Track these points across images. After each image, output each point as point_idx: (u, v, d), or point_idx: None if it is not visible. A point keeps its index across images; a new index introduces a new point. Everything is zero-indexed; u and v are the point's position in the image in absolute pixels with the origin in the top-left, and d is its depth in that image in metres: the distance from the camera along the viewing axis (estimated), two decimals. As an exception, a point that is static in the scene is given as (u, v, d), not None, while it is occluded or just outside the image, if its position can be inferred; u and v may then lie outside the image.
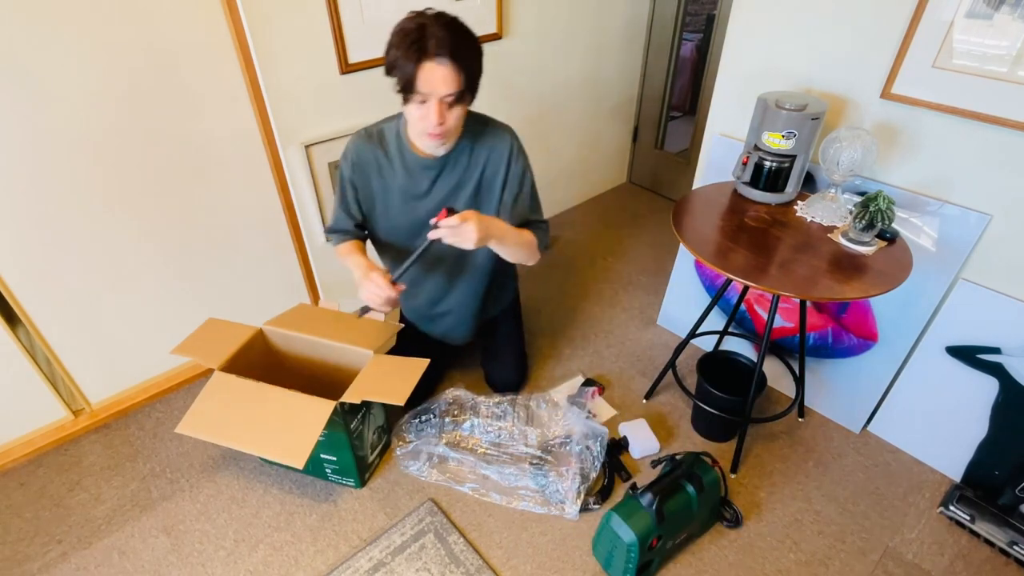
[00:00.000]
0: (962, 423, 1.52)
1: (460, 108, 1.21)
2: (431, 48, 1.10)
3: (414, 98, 1.16)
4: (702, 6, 2.73)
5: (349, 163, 1.38)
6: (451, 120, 1.20)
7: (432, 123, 1.18)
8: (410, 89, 1.14)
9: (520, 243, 1.35)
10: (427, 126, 1.19)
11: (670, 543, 1.34)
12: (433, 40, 1.10)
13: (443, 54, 1.10)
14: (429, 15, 1.14)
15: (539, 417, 1.68)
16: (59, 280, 1.53)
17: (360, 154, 1.37)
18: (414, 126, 1.24)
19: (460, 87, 1.15)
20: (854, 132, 1.32)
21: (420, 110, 1.18)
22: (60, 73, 1.33)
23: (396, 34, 1.15)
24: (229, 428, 1.33)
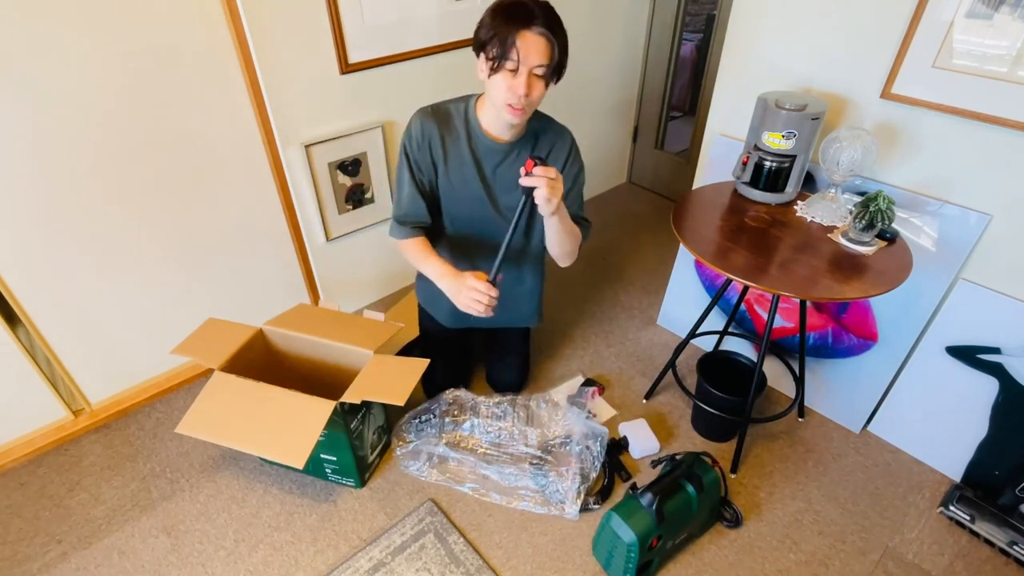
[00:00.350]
0: (962, 423, 1.52)
1: (543, 86, 1.22)
2: (532, 19, 1.14)
3: (506, 67, 1.17)
4: (702, 6, 2.73)
5: (413, 141, 1.33)
6: (535, 94, 1.21)
7: (519, 93, 1.19)
8: (505, 57, 1.16)
9: (572, 230, 1.41)
10: (511, 96, 1.20)
11: (670, 543, 1.34)
12: (534, 12, 1.15)
13: (542, 26, 1.15)
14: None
15: (539, 417, 1.68)
16: (59, 280, 1.53)
17: (424, 130, 1.33)
18: (498, 96, 1.22)
19: (552, 60, 1.18)
20: (854, 132, 1.32)
21: (508, 80, 1.19)
22: (60, 74, 1.33)
23: (494, 9, 1.18)
24: (229, 428, 1.33)
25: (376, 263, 2.16)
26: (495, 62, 1.18)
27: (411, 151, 1.35)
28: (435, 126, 1.33)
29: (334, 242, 1.98)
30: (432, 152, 1.35)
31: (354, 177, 1.91)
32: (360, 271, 2.14)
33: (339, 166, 1.85)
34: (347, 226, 1.98)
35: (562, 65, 1.23)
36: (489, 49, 1.18)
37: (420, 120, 1.33)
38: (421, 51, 1.86)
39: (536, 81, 1.20)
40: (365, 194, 1.97)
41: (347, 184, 1.90)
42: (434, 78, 1.95)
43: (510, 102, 1.21)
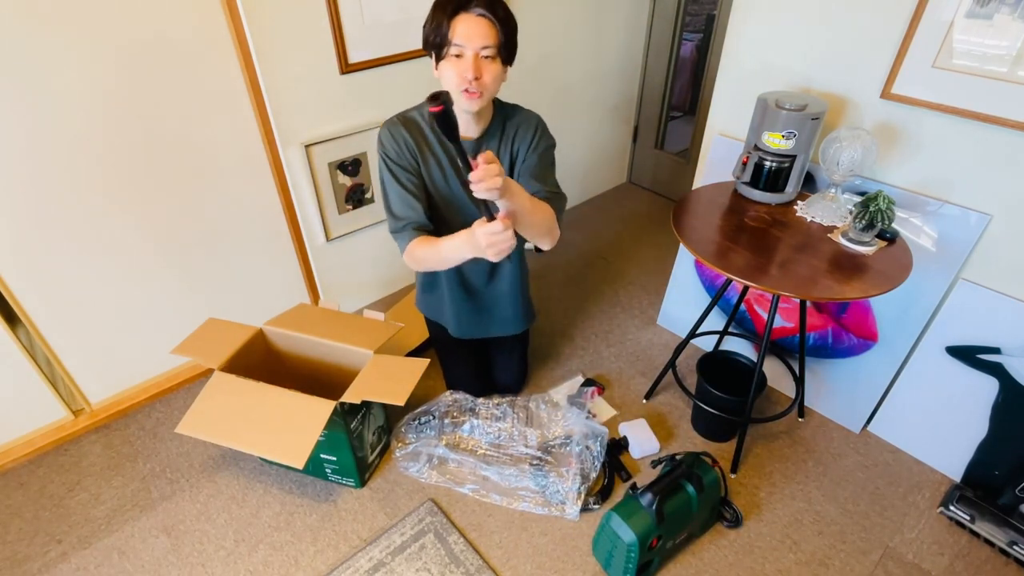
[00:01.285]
0: (962, 423, 1.52)
1: (496, 67, 1.20)
2: (467, 3, 1.14)
3: (450, 53, 1.17)
4: (702, 6, 2.73)
5: (390, 149, 1.31)
6: (487, 76, 1.19)
7: (468, 77, 1.16)
8: (444, 43, 1.15)
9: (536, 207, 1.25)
10: (462, 81, 1.17)
11: (670, 543, 1.34)
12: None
13: (478, 6, 1.14)
14: None
15: (539, 418, 1.68)
16: (59, 280, 1.53)
17: (396, 137, 1.31)
18: (451, 84, 1.20)
19: (497, 41, 1.17)
20: (854, 132, 1.32)
21: (457, 66, 1.17)
22: (60, 74, 1.33)
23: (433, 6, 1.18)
24: (229, 428, 1.33)
25: (376, 263, 2.16)
26: (438, 50, 1.17)
27: (390, 158, 1.31)
28: (405, 132, 1.31)
29: (334, 242, 1.98)
30: (411, 155, 1.33)
31: (354, 177, 1.91)
32: (360, 271, 2.14)
33: (339, 166, 1.85)
34: (347, 226, 1.98)
35: (511, 44, 1.21)
36: (431, 41, 1.18)
37: (389, 130, 1.31)
38: (421, 51, 1.86)
39: (486, 63, 1.18)
40: (365, 194, 1.97)
41: (347, 184, 1.90)
42: (434, 78, 1.94)
43: (463, 87, 1.18)
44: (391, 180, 1.32)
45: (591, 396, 1.77)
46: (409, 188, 1.32)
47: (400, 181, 1.31)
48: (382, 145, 1.31)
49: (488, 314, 1.65)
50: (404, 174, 1.32)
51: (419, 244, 1.28)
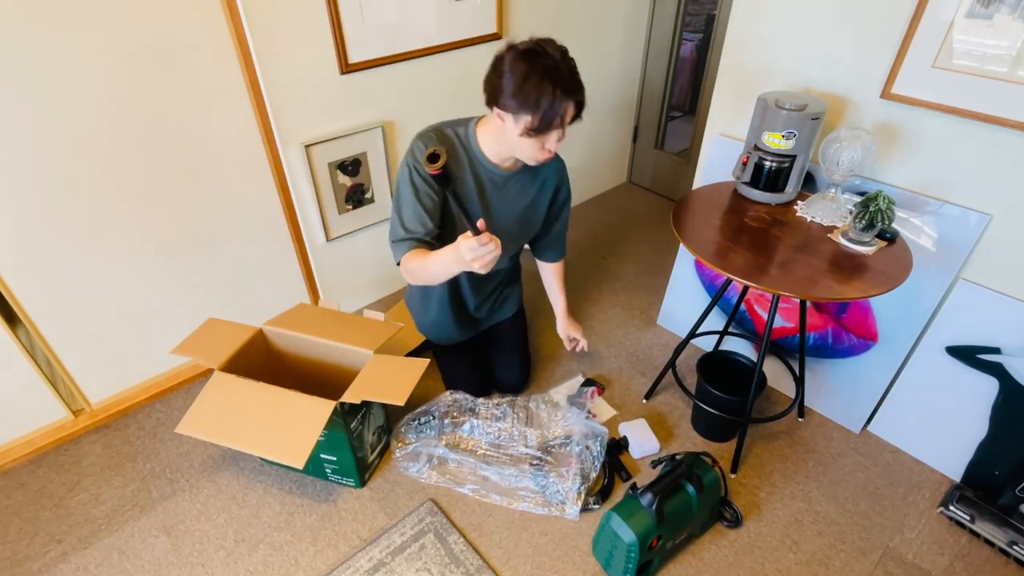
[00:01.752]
0: (962, 423, 1.52)
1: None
2: (571, 89, 1.17)
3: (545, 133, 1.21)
4: (702, 6, 2.73)
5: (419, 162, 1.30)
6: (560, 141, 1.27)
7: (553, 152, 1.27)
8: (550, 127, 1.19)
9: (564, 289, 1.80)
10: (544, 155, 1.27)
11: (670, 543, 1.34)
12: (569, 81, 1.17)
13: (576, 92, 1.19)
14: (550, 50, 1.17)
15: (539, 418, 1.68)
16: (59, 280, 1.53)
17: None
18: (526, 153, 1.27)
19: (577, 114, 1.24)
20: (854, 132, 1.32)
21: (541, 141, 1.23)
22: (60, 74, 1.33)
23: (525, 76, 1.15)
24: (229, 428, 1.33)
25: (376, 263, 2.16)
26: (535, 132, 1.20)
27: (415, 172, 1.31)
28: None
29: (334, 242, 1.98)
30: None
31: (354, 177, 1.91)
32: (360, 271, 2.14)
33: (339, 166, 1.85)
34: (347, 226, 1.98)
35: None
36: (527, 119, 1.18)
37: (424, 143, 1.31)
38: (421, 51, 1.86)
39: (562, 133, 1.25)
40: (365, 194, 1.97)
41: (347, 184, 1.90)
42: (434, 78, 1.95)
43: (543, 158, 1.28)
44: (411, 191, 1.31)
45: (591, 396, 1.77)
46: (425, 204, 1.32)
47: (419, 195, 1.31)
48: (413, 155, 1.31)
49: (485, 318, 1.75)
50: (425, 188, 1.31)
51: (413, 257, 1.28)
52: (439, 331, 1.73)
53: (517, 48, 1.17)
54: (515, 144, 1.26)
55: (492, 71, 1.20)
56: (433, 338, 1.78)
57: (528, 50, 1.16)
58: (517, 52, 1.17)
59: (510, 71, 1.16)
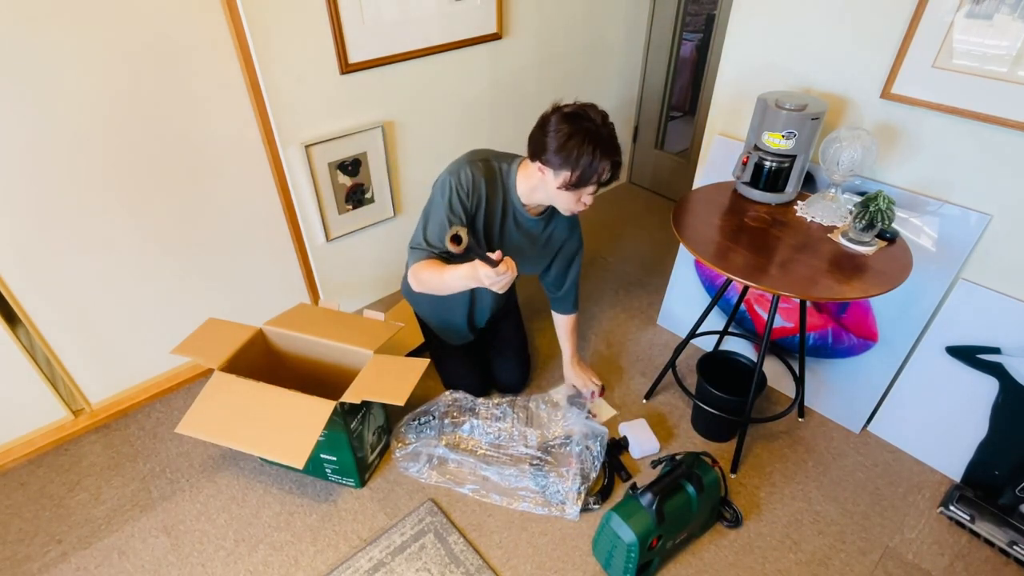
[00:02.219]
0: (962, 423, 1.52)
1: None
2: (610, 151, 1.25)
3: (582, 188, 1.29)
4: (702, 6, 2.73)
5: (463, 188, 1.35)
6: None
7: (588, 204, 1.35)
8: (587, 184, 1.28)
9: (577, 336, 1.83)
10: (580, 207, 1.36)
11: (670, 543, 1.34)
12: (610, 143, 1.26)
13: (614, 153, 1.26)
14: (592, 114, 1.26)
15: (539, 418, 1.68)
16: (59, 280, 1.53)
17: (476, 183, 1.37)
18: (562, 204, 1.36)
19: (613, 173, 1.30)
20: (854, 132, 1.32)
21: (577, 195, 1.31)
22: (60, 74, 1.33)
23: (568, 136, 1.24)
24: (229, 428, 1.33)
25: (376, 263, 2.16)
26: (573, 187, 1.28)
27: (455, 193, 1.35)
28: (484, 182, 1.38)
29: (334, 242, 1.98)
30: (474, 201, 1.38)
31: (354, 177, 1.91)
32: (360, 271, 2.14)
33: (339, 166, 1.85)
34: (347, 226, 1.98)
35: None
36: (566, 174, 1.27)
37: (472, 172, 1.36)
38: (421, 51, 1.86)
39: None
40: (365, 194, 1.97)
41: (347, 184, 1.90)
42: (434, 78, 1.95)
43: (577, 211, 1.38)
44: (446, 208, 1.35)
45: (591, 396, 1.77)
46: (454, 223, 1.36)
47: (452, 212, 1.35)
48: (458, 176, 1.35)
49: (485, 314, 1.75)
50: (460, 209, 1.36)
51: (427, 265, 1.34)
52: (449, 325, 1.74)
53: (562, 110, 1.27)
54: (553, 196, 1.34)
55: (537, 129, 1.30)
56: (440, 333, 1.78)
57: (572, 113, 1.26)
58: (562, 114, 1.26)
59: (555, 131, 1.25)
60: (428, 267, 1.33)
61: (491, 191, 1.40)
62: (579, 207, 1.35)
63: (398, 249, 2.20)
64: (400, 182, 2.06)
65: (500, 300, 1.71)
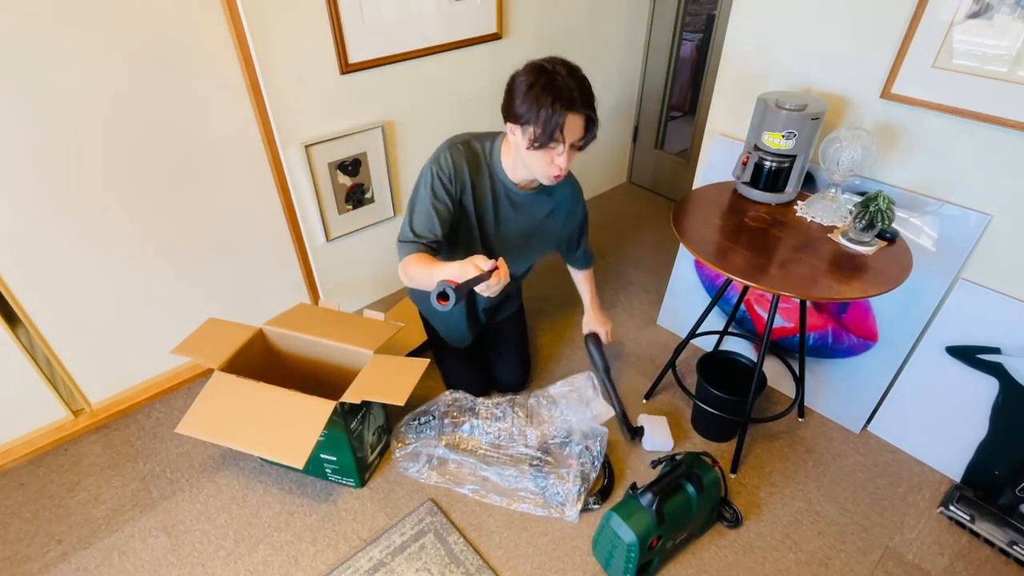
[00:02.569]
0: (962, 423, 1.52)
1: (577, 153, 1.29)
2: (574, 103, 1.18)
3: (548, 147, 1.23)
4: (702, 6, 2.73)
5: (444, 173, 1.33)
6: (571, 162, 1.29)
7: (563, 168, 1.27)
8: (552, 139, 1.20)
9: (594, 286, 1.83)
10: (554, 170, 1.27)
11: (670, 543, 1.34)
12: (575, 95, 1.18)
13: (583, 106, 1.19)
14: (557, 67, 1.20)
15: (538, 414, 1.68)
16: (59, 280, 1.53)
17: (456, 166, 1.34)
18: (538, 169, 1.29)
19: (589, 134, 1.24)
20: (854, 132, 1.32)
21: (548, 155, 1.25)
22: (60, 74, 1.33)
23: (531, 87, 1.18)
24: (229, 428, 1.33)
25: (376, 263, 2.16)
26: (538, 142, 1.21)
27: (437, 180, 1.33)
28: (466, 165, 1.35)
29: (334, 242, 1.98)
30: (458, 186, 1.36)
31: (354, 177, 1.91)
32: (360, 271, 2.14)
33: (339, 166, 1.85)
34: (347, 226, 1.98)
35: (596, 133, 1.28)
36: (531, 129, 1.20)
37: (452, 157, 1.33)
38: (421, 51, 1.86)
39: (573, 152, 1.26)
40: (365, 194, 1.97)
41: (347, 184, 1.90)
42: (434, 78, 1.95)
43: (553, 175, 1.28)
44: (428, 195, 1.32)
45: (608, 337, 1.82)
46: (439, 209, 1.33)
47: (436, 199, 1.32)
48: (437, 162, 1.33)
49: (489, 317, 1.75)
50: (444, 195, 1.33)
51: (415, 261, 1.26)
52: (450, 330, 1.75)
53: (528, 64, 1.22)
54: (526, 160, 1.29)
55: (506, 87, 1.25)
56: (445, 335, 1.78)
57: (538, 65, 1.21)
58: (528, 66, 1.22)
59: (518, 84, 1.21)
60: (416, 262, 1.26)
61: (475, 174, 1.37)
62: (553, 170, 1.27)
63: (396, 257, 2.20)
64: (400, 182, 2.06)
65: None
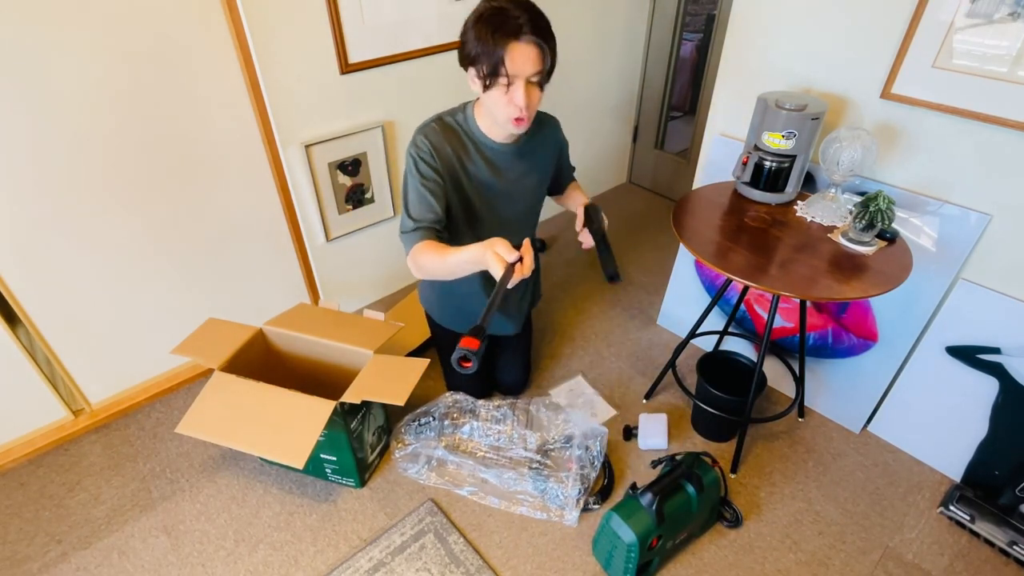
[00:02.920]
0: (962, 423, 1.52)
1: (540, 90, 1.22)
2: (519, 29, 1.11)
3: (498, 83, 1.16)
4: (702, 6, 2.73)
5: (423, 154, 1.28)
6: (534, 100, 1.20)
7: (519, 105, 1.17)
8: (497, 73, 1.14)
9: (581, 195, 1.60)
10: (513, 110, 1.19)
11: (670, 543, 1.34)
12: (519, 21, 1.11)
13: (530, 34, 1.12)
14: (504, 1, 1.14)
15: (539, 420, 1.68)
16: (59, 281, 1.53)
17: (434, 144, 1.28)
18: (499, 112, 1.22)
19: (544, 67, 1.17)
20: (854, 132, 1.32)
21: (508, 95, 1.18)
22: (61, 74, 1.33)
23: (476, 21, 1.15)
24: (229, 428, 1.33)
25: (376, 263, 2.16)
26: (487, 79, 1.16)
27: (421, 157, 1.28)
28: (446, 144, 1.30)
29: (334, 242, 1.98)
30: (444, 164, 1.30)
31: (354, 177, 1.91)
32: (360, 271, 2.14)
33: (339, 166, 1.85)
34: (347, 226, 1.98)
35: (552, 69, 1.22)
36: (479, 66, 1.16)
37: (428, 138, 1.28)
38: (421, 51, 1.86)
39: (532, 88, 1.19)
40: (365, 194, 1.97)
41: (347, 184, 1.90)
42: (434, 78, 1.95)
43: (513, 116, 1.20)
44: (415, 177, 1.27)
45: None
46: (431, 188, 1.27)
47: (424, 179, 1.27)
48: (416, 146, 1.29)
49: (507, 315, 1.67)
50: (430, 173, 1.28)
51: (425, 249, 1.19)
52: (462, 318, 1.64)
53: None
54: (488, 105, 1.23)
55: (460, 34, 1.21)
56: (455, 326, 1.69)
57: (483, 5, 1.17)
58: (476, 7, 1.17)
59: (466, 25, 1.17)
60: (426, 251, 1.18)
61: (459, 149, 1.31)
62: (512, 110, 1.18)
63: (398, 249, 2.20)
64: (400, 182, 2.05)
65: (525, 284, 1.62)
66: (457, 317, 1.65)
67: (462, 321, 1.64)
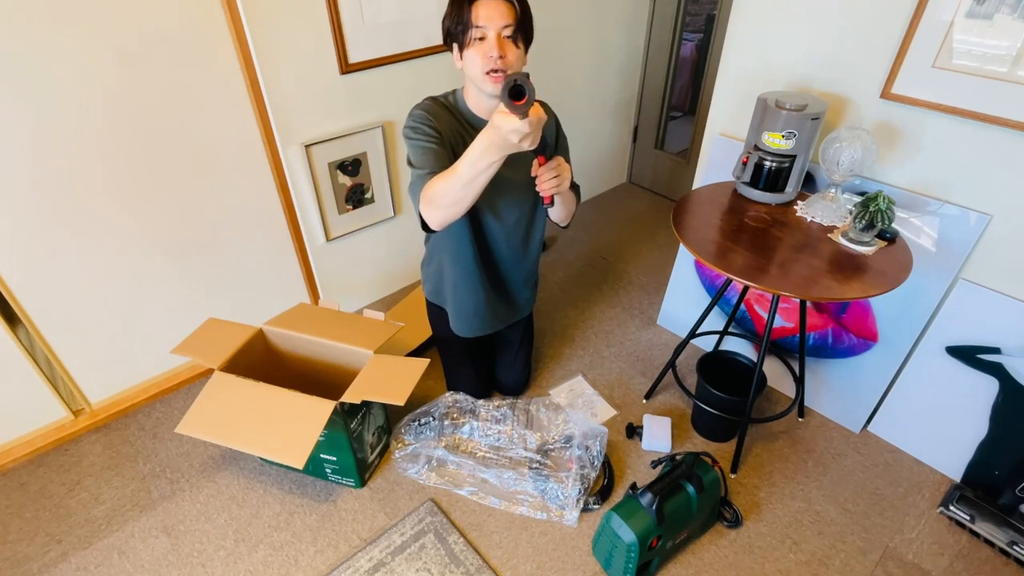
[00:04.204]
0: (962, 423, 1.52)
1: (518, 49, 1.21)
2: None
3: (473, 38, 1.18)
4: (702, 6, 2.73)
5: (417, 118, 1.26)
6: (510, 56, 1.20)
7: (494, 55, 1.17)
8: (467, 27, 1.17)
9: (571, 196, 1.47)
10: (488, 62, 1.18)
11: (670, 543, 1.34)
12: None
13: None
14: None
15: (539, 421, 1.68)
16: (59, 280, 1.53)
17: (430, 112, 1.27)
18: (476, 70, 1.20)
19: (515, 19, 1.19)
20: (854, 132, 1.32)
21: (480, 49, 1.18)
22: (60, 74, 1.33)
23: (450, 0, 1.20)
24: (229, 428, 1.33)
25: (376, 263, 2.16)
26: (460, 38, 1.19)
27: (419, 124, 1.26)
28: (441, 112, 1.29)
29: (334, 242, 1.98)
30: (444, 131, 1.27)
31: (354, 177, 1.91)
32: (360, 271, 2.14)
33: (339, 166, 1.85)
34: (347, 226, 1.98)
35: (528, 20, 1.22)
36: (456, 34, 1.20)
37: (421, 109, 1.28)
38: (421, 51, 1.86)
39: (508, 44, 1.19)
40: (365, 194, 1.97)
41: (347, 184, 1.90)
42: (434, 78, 1.95)
43: (488, 68, 1.19)
44: (417, 139, 1.25)
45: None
46: (435, 148, 1.24)
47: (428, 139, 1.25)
48: (412, 117, 1.28)
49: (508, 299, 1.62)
50: (432, 132, 1.25)
51: (433, 181, 1.14)
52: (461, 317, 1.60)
53: None
54: (468, 71, 1.23)
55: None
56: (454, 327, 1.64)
57: None
58: None
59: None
60: (436, 180, 1.12)
61: (451, 120, 1.30)
62: (488, 63, 1.17)
63: (398, 249, 2.20)
64: (400, 182, 2.06)
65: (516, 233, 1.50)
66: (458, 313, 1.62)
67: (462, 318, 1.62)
